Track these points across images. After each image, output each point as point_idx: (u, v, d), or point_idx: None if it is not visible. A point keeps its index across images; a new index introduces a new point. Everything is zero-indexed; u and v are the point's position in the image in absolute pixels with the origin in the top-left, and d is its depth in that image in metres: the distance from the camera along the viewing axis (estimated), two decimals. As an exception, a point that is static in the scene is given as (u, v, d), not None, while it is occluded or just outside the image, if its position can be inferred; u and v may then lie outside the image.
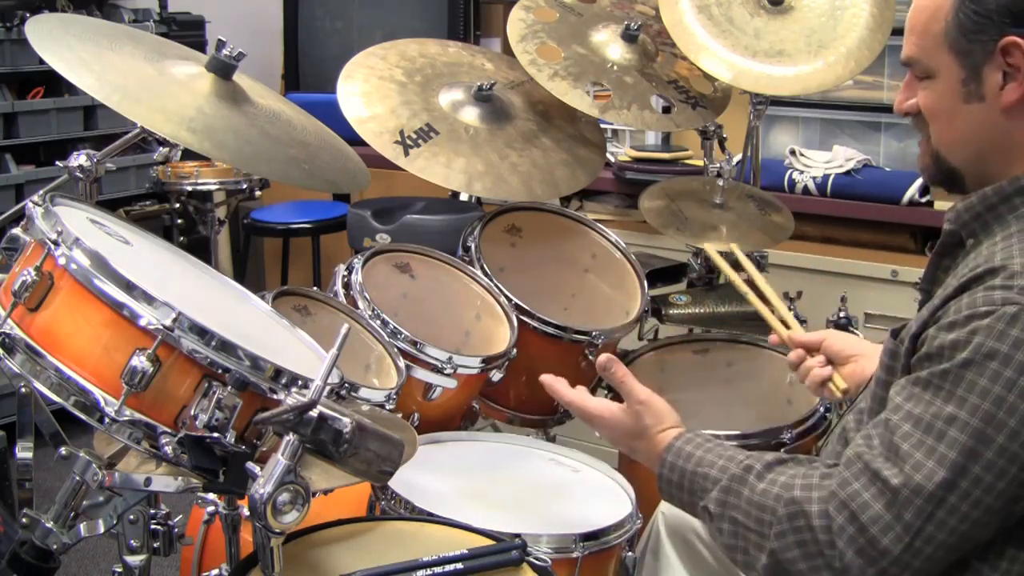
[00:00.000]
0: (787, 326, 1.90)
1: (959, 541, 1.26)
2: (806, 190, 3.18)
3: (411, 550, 1.49)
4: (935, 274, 1.44)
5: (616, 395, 2.21)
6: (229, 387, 1.33)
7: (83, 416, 1.33)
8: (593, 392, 2.43)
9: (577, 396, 1.63)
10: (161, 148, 2.20)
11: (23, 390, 1.56)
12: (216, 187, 3.59)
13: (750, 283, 2.01)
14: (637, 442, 1.56)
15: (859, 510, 1.27)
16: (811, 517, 1.30)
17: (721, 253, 2.21)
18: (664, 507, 1.83)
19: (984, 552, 1.29)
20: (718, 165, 2.64)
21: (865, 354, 1.74)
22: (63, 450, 1.46)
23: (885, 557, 1.25)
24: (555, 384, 1.66)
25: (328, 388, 1.27)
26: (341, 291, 2.12)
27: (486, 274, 2.31)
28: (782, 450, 2.15)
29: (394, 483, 1.69)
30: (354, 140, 2.09)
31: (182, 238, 3.71)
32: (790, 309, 2.63)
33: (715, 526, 1.40)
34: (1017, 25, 1.30)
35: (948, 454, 1.24)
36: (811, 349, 1.80)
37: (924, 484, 1.24)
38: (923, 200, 3.04)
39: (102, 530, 1.47)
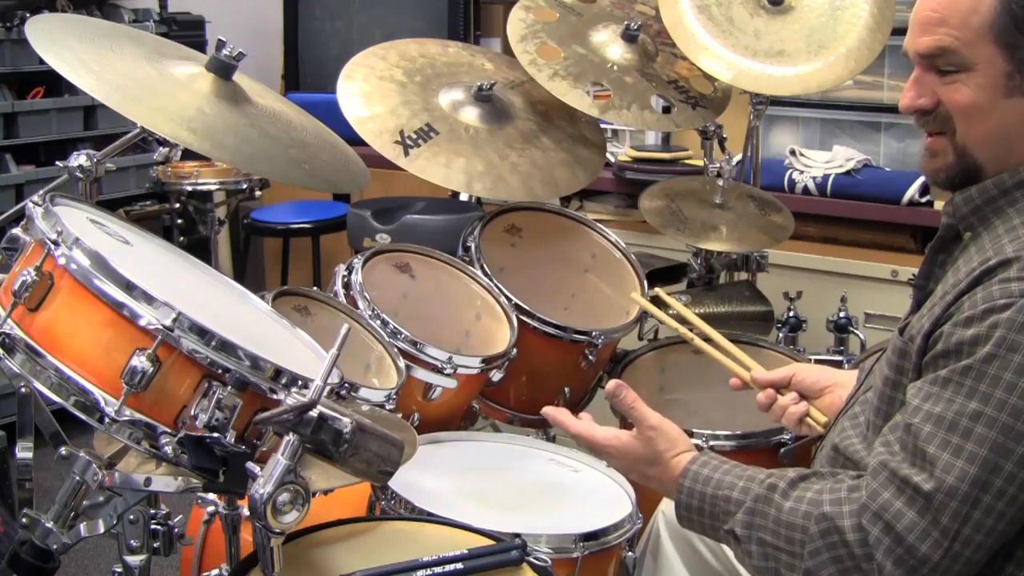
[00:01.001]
0: (746, 368, 1.82)
1: (996, 541, 1.24)
2: (806, 190, 3.18)
3: (411, 550, 1.49)
4: (931, 269, 1.42)
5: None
6: (229, 387, 1.33)
7: (83, 416, 1.33)
8: (593, 391, 2.46)
9: (584, 427, 1.59)
10: (161, 148, 2.21)
11: (23, 390, 1.56)
12: (216, 187, 3.60)
13: (687, 324, 1.92)
14: (651, 469, 1.52)
15: (893, 520, 1.25)
16: (845, 532, 1.28)
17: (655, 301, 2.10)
18: (664, 507, 1.83)
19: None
20: (718, 165, 2.64)
21: (840, 383, 1.70)
22: (63, 450, 1.46)
23: (925, 564, 1.24)
24: (559, 416, 1.62)
25: (328, 388, 1.27)
26: (341, 291, 2.12)
27: (486, 274, 2.31)
28: (781, 451, 2.15)
29: (394, 483, 1.69)
30: (354, 140, 2.09)
31: (182, 238, 3.71)
32: (790, 309, 2.65)
33: (743, 548, 1.38)
34: None
35: (978, 451, 1.22)
36: (779, 387, 1.76)
37: (957, 485, 1.22)
38: (923, 200, 3.04)
39: (102, 530, 1.47)
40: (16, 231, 1.47)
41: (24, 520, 1.44)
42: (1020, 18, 1.28)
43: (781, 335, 2.65)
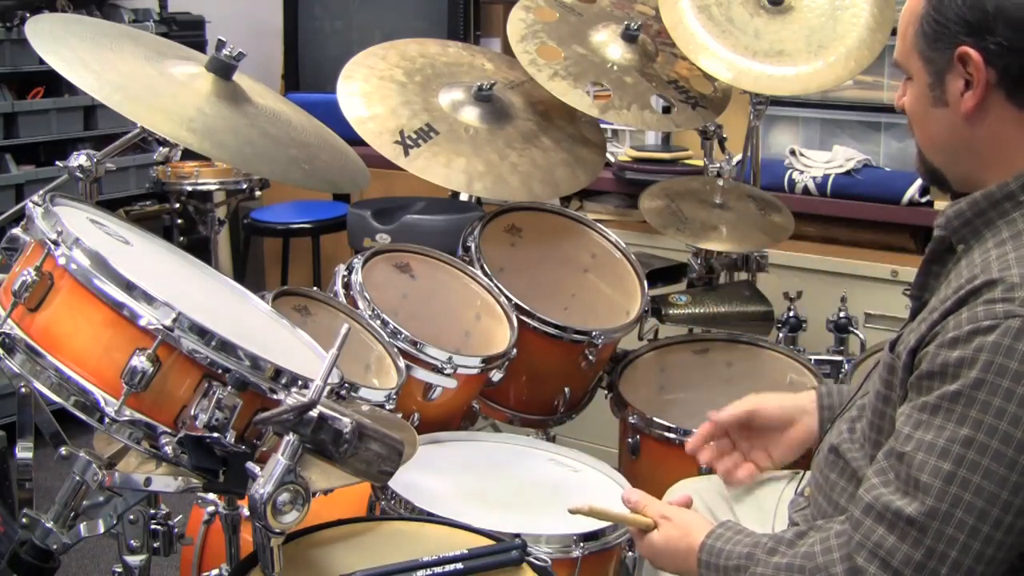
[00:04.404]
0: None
1: (996, 569, 1.23)
2: (806, 190, 3.18)
3: (411, 550, 1.49)
4: (926, 280, 1.42)
5: (611, 382, 2.30)
6: (229, 387, 1.33)
7: (83, 416, 1.33)
8: (593, 391, 2.46)
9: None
10: (161, 148, 2.21)
11: (23, 390, 1.57)
12: (216, 187, 3.60)
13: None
14: (681, 541, 1.52)
15: (888, 556, 1.25)
16: None
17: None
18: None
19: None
20: (718, 165, 2.64)
21: (806, 409, 1.75)
22: (63, 450, 1.46)
23: None
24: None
25: (328, 388, 1.27)
26: (341, 291, 2.12)
27: (486, 274, 2.31)
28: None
29: (394, 483, 1.69)
30: (354, 140, 2.09)
31: (182, 238, 3.71)
32: (790, 309, 2.65)
33: None
34: (970, 35, 1.30)
35: (971, 478, 1.21)
36: (737, 425, 1.81)
37: (952, 512, 1.22)
38: (923, 200, 3.04)
39: (102, 530, 1.47)
40: (16, 231, 1.47)
41: (24, 520, 1.44)
42: (930, 35, 1.34)
43: (781, 335, 2.65)
